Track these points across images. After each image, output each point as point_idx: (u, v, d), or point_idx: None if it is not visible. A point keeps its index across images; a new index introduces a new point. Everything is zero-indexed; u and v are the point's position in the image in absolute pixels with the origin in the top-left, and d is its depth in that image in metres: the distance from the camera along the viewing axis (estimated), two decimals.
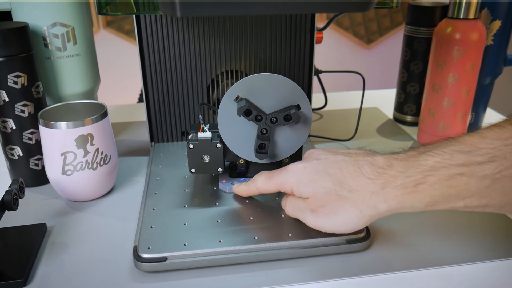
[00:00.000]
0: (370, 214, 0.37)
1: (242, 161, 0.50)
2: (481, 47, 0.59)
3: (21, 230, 0.45)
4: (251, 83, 0.45)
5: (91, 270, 0.41)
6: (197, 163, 0.48)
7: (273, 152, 0.48)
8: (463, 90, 0.60)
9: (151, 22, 0.55)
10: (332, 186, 0.38)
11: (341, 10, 0.37)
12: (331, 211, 0.38)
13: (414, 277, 0.40)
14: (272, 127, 0.46)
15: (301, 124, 0.47)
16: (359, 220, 0.37)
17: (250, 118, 0.45)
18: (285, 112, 0.45)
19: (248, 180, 0.46)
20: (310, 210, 0.39)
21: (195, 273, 0.40)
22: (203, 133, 0.47)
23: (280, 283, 0.39)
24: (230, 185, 0.49)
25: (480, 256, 0.42)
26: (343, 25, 2.05)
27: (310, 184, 0.39)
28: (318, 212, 0.39)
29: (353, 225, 0.38)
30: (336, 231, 0.39)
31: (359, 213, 0.37)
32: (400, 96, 0.74)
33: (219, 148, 0.47)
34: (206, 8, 0.32)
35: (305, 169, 0.40)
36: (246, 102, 0.44)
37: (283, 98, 0.45)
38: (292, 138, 0.48)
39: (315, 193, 0.38)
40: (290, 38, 0.59)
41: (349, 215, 0.37)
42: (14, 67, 0.49)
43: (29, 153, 0.53)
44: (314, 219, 0.39)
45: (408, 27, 0.70)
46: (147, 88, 0.59)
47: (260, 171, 0.45)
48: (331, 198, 0.37)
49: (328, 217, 0.38)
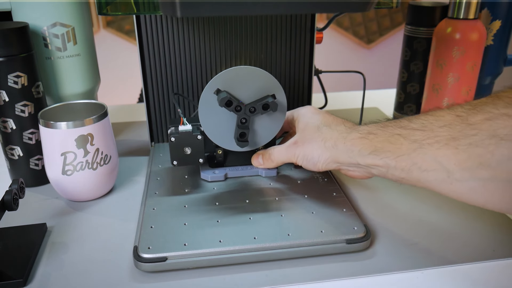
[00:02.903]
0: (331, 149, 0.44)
1: (220, 151, 0.53)
2: (481, 47, 0.59)
3: (21, 230, 0.45)
4: (229, 76, 0.47)
5: (91, 270, 0.41)
6: (179, 155, 0.50)
7: (252, 140, 0.51)
8: (463, 90, 0.60)
9: (151, 22, 0.55)
10: (321, 123, 0.46)
11: (341, 10, 0.37)
12: (307, 141, 0.46)
13: (414, 277, 0.40)
14: (250, 116, 0.48)
15: (277, 112, 0.49)
16: (322, 152, 0.44)
17: (230, 109, 0.47)
18: (262, 101, 0.48)
19: (227, 169, 0.53)
20: (293, 143, 0.47)
21: (195, 273, 0.40)
22: (183, 126, 0.49)
23: (280, 283, 0.39)
24: (211, 174, 0.52)
25: (480, 256, 0.42)
26: (343, 25, 2.05)
27: (310, 117, 0.47)
28: (298, 143, 0.47)
29: (317, 155, 0.45)
30: (305, 158, 0.46)
31: (323, 144, 0.44)
32: (400, 96, 0.74)
33: (200, 139, 0.49)
34: (206, 8, 0.32)
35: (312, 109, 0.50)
36: (227, 94, 0.47)
37: (259, 89, 0.48)
38: (269, 126, 0.51)
39: (307, 125, 0.47)
40: (290, 38, 0.59)
41: (316, 145, 0.45)
42: (14, 67, 0.49)
43: (29, 153, 0.53)
44: (294, 147, 0.47)
45: (408, 27, 0.70)
46: (147, 88, 0.59)
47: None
48: (312, 132, 0.46)
49: (304, 146, 0.46)
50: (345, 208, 0.46)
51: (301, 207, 0.47)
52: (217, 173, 0.52)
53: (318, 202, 0.48)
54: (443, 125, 0.36)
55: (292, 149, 0.47)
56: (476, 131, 0.33)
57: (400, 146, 0.38)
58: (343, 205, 0.47)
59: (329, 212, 0.46)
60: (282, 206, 0.47)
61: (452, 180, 0.35)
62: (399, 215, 0.49)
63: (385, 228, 0.46)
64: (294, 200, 0.48)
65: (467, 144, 0.33)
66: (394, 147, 0.38)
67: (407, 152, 0.37)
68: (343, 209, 0.46)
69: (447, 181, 0.35)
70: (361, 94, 0.68)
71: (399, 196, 0.52)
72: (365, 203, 0.51)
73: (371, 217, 0.48)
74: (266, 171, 0.53)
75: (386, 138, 0.39)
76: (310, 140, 0.46)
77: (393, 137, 0.39)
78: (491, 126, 0.32)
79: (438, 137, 0.35)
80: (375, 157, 0.40)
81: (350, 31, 2.06)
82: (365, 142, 0.41)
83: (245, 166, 0.54)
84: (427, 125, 0.37)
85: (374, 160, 0.40)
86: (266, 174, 0.53)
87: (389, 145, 0.39)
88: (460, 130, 0.34)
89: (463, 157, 0.33)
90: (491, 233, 0.45)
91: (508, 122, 0.31)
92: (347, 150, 0.42)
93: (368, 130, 0.42)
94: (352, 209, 0.46)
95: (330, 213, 0.46)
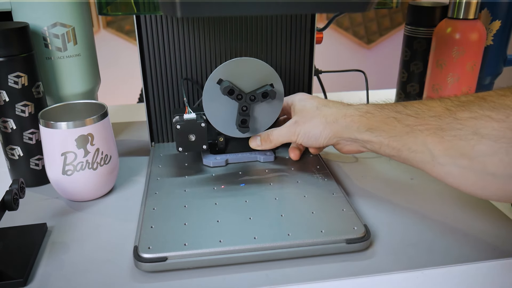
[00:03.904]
0: (332, 124, 0.48)
1: (221, 139, 0.57)
2: (481, 47, 0.59)
3: (22, 230, 0.45)
4: (231, 66, 0.50)
5: (91, 270, 0.41)
6: (184, 142, 0.53)
7: (253, 127, 0.54)
8: (463, 90, 0.60)
9: (151, 22, 0.55)
10: (318, 104, 0.51)
11: (341, 10, 0.37)
12: (308, 119, 0.50)
13: (414, 277, 0.40)
14: (251, 104, 0.52)
15: (275, 100, 0.53)
16: (324, 127, 0.48)
17: (232, 97, 0.51)
18: (262, 90, 0.51)
19: (228, 155, 0.56)
20: (294, 122, 0.51)
21: (195, 273, 0.40)
22: (188, 115, 0.52)
23: (280, 283, 0.39)
24: (213, 160, 0.55)
25: (480, 255, 0.42)
26: (343, 25, 2.05)
27: (306, 100, 0.52)
28: (299, 122, 0.51)
29: (319, 131, 0.49)
30: (306, 135, 0.50)
31: (324, 120, 0.48)
32: (400, 96, 0.74)
33: (203, 127, 0.52)
34: (206, 8, 0.32)
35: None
36: (229, 83, 0.50)
37: (258, 79, 0.51)
38: (268, 113, 0.54)
39: (304, 107, 0.51)
40: (290, 38, 0.59)
41: (318, 122, 0.49)
42: (15, 67, 0.49)
43: (30, 153, 0.53)
44: (295, 126, 0.51)
45: (408, 27, 0.70)
46: (147, 88, 0.59)
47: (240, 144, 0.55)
48: (311, 111, 0.50)
49: (304, 124, 0.50)
50: (345, 208, 0.46)
51: (301, 207, 0.47)
52: (218, 159, 0.56)
53: (318, 202, 0.48)
54: (434, 115, 0.40)
55: (293, 128, 0.51)
56: (462, 126, 0.38)
57: (393, 128, 0.43)
58: (343, 205, 0.47)
59: (329, 212, 0.46)
60: (282, 206, 0.47)
61: (435, 163, 0.40)
62: (399, 215, 0.49)
63: (385, 228, 0.46)
64: (294, 200, 0.48)
65: (452, 135, 0.38)
66: (388, 128, 0.43)
67: (399, 134, 0.42)
68: (343, 209, 0.46)
69: (431, 163, 0.40)
70: (361, 94, 0.68)
71: (399, 196, 0.52)
72: (365, 203, 0.51)
73: (371, 217, 0.48)
74: (264, 157, 0.56)
75: (382, 119, 0.44)
76: (310, 119, 0.50)
77: (388, 119, 0.44)
78: (475, 124, 0.37)
79: (428, 125, 0.40)
80: (371, 134, 0.45)
81: (350, 31, 2.06)
82: (363, 120, 0.46)
83: (244, 153, 0.57)
84: (420, 113, 0.42)
85: (370, 137, 0.45)
86: (264, 159, 0.56)
87: (384, 125, 0.44)
88: (448, 122, 0.39)
89: (447, 145, 0.39)
90: (491, 233, 0.45)
91: (490, 123, 0.36)
92: (346, 126, 0.47)
93: (366, 109, 0.46)
94: (352, 209, 0.46)
95: (330, 213, 0.46)
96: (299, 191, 0.50)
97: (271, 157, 0.57)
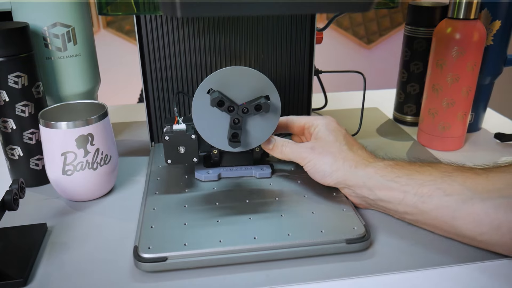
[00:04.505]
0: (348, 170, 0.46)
1: (215, 151, 0.53)
2: (481, 47, 0.59)
3: (22, 230, 0.45)
4: (223, 76, 0.46)
5: (91, 270, 0.41)
6: (173, 154, 0.50)
7: (245, 141, 0.50)
8: (463, 90, 0.60)
9: (151, 22, 0.55)
10: (342, 141, 0.48)
11: (341, 10, 0.37)
12: (324, 153, 0.47)
13: (414, 277, 0.40)
14: (243, 117, 0.48)
15: (271, 113, 0.49)
16: (337, 169, 0.46)
17: (223, 109, 0.47)
18: (255, 102, 0.47)
19: (221, 169, 0.53)
20: (310, 148, 0.48)
21: (195, 273, 0.40)
22: (178, 125, 0.49)
23: (280, 283, 0.39)
24: (205, 174, 0.52)
25: (480, 256, 0.42)
26: (343, 25, 2.05)
27: (332, 131, 0.49)
28: (315, 150, 0.47)
29: (330, 171, 0.46)
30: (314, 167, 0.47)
31: (342, 163, 0.46)
32: (400, 96, 0.74)
33: (194, 139, 0.49)
34: (206, 8, 0.32)
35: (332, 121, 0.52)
36: (219, 94, 0.46)
37: (253, 90, 0.47)
38: (262, 127, 0.50)
39: (327, 137, 0.48)
40: (290, 38, 0.59)
41: (333, 160, 0.47)
42: (15, 67, 0.49)
43: (30, 153, 0.53)
44: (309, 152, 0.47)
45: (408, 27, 0.70)
46: (147, 88, 0.59)
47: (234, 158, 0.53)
48: (332, 146, 0.47)
49: (319, 156, 0.47)
50: (345, 208, 0.46)
51: (301, 207, 0.47)
52: (210, 173, 0.52)
53: (318, 202, 0.48)
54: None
55: (306, 153, 0.48)
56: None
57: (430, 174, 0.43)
58: (343, 205, 0.47)
59: (329, 212, 0.46)
60: (282, 206, 0.47)
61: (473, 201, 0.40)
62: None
63: (385, 228, 0.46)
64: (294, 200, 0.48)
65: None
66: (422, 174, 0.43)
67: (435, 178, 0.42)
68: (343, 209, 0.46)
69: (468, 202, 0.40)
70: (361, 94, 0.68)
71: None
72: None
73: (371, 217, 0.48)
74: (260, 173, 0.53)
75: (413, 168, 0.44)
76: (327, 154, 0.47)
77: (422, 167, 0.44)
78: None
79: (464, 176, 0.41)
80: (395, 184, 0.43)
81: (350, 31, 2.06)
82: (390, 170, 0.44)
83: (239, 167, 0.54)
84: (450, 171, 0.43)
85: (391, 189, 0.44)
86: (260, 175, 0.53)
87: (415, 173, 0.43)
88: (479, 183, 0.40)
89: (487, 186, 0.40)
90: None
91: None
92: (364, 175, 0.45)
93: (394, 161, 0.46)
94: (352, 209, 0.46)
95: (330, 213, 0.46)
96: (299, 191, 0.50)
97: (267, 172, 0.53)
